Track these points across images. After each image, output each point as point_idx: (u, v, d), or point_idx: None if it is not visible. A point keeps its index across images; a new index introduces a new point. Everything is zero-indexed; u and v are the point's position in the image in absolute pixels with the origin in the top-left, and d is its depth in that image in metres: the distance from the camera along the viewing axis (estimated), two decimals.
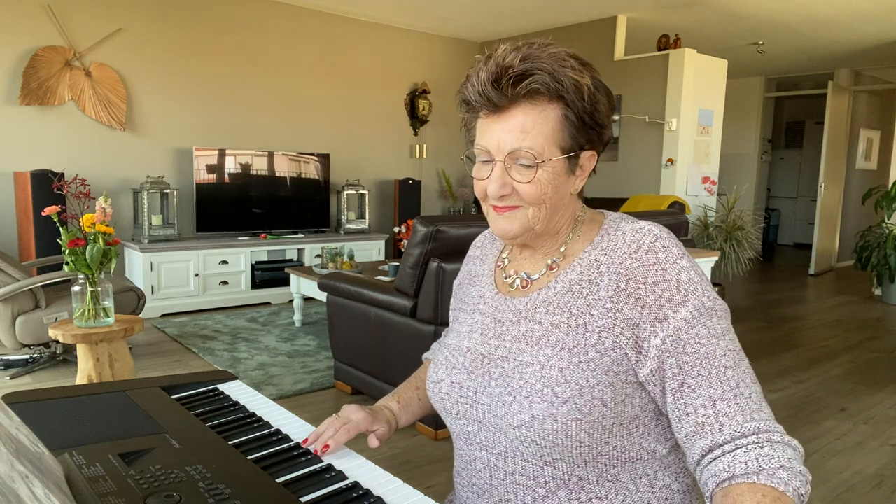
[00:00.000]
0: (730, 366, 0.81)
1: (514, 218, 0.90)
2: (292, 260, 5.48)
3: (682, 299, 0.82)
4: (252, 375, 3.47)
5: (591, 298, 0.87)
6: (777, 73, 8.76)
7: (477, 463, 0.94)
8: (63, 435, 0.89)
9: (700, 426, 0.80)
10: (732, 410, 0.79)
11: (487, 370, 0.91)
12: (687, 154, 5.72)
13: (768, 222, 9.75)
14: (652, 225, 0.88)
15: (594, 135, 0.89)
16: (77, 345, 2.58)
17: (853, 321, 5.34)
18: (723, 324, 0.83)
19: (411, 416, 1.12)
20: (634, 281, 0.84)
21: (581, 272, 0.89)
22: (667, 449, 0.90)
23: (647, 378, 0.84)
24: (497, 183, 0.87)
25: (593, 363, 0.84)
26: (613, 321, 0.84)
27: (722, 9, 5.57)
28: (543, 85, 0.84)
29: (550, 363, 0.85)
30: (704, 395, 0.80)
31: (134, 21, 4.99)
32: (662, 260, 0.84)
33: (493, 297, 0.99)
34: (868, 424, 3.07)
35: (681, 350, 0.81)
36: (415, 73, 6.74)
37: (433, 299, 2.62)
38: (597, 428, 0.83)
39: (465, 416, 0.93)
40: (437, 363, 1.01)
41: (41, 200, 4.32)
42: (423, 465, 2.51)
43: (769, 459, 0.75)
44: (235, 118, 5.56)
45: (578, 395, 0.83)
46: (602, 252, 0.89)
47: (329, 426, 0.97)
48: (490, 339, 0.95)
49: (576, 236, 0.94)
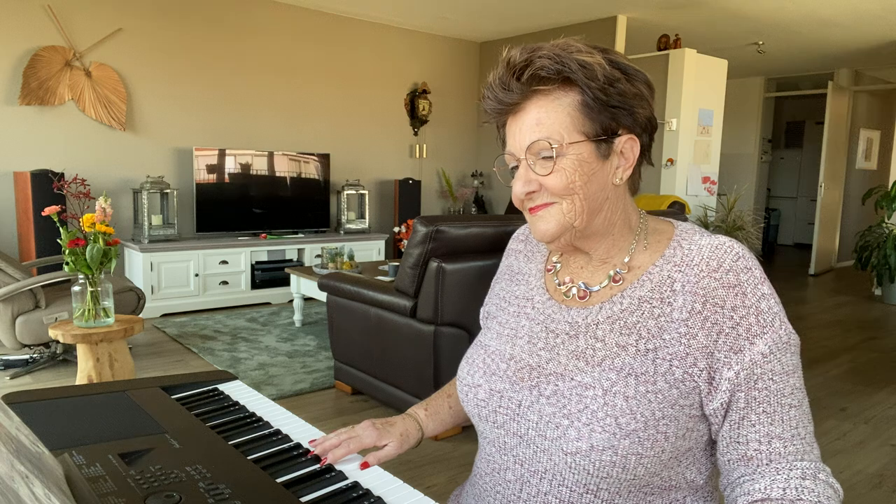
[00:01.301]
0: (794, 405, 0.78)
1: (548, 216, 0.84)
2: (292, 260, 5.48)
3: (760, 330, 0.78)
4: (252, 375, 3.47)
5: (662, 320, 0.81)
6: (777, 73, 8.76)
7: (507, 474, 0.89)
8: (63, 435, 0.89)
9: (748, 458, 0.78)
10: (787, 451, 0.77)
11: (536, 384, 0.85)
12: (687, 154, 5.72)
13: (768, 222, 9.75)
14: (732, 242, 0.82)
15: (622, 115, 0.82)
16: (77, 345, 2.58)
17: (853, 321, 5.34)
18: (794, 360, 0.80)
19: (440, 425, 1.07)
20: (712, 303, 0.78)
21: (652, 289, 0.83)
22: (704, 479, 0.87)
23: (713, 410, 0.80)
24: (521, 181, 0.84)
25: (661, 394, 0.79)
26: (687, 349, 0.79)
27: (722, 9, 5.57)
28: (545, 69, 0.80)
29: (615, 389, 0.79)
30: (763, 432, 0.78)
31: (134, 21, 4.99)
32: (744, 283, 0.79)
33: (545, 304, 0.92)
34: (868, 424, 3.07)
35: (752, 385, 0.78)
36: (415, 73, 6.74)
37: (433, 299, 2.62)
38: (655, 462, 0.79)
39: (503, 427, 0.88)
40: (472, 365, 0.94)
41: (41, 200, 4.32)
42: (423, 465, 2.51)
43: (808, 492, 0.74)
44: (235, 118, 5.56)
45: (643, 428, 0.77)
46: (675, 268, 0.82)
47: (335, 437, 0.95)
48: (540, 350, 0.88)
49: (641, 246, 0.87)
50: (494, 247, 2.76)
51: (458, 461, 2.54)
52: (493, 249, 2.76)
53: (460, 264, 2.61)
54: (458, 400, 1.08)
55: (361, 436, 0.97)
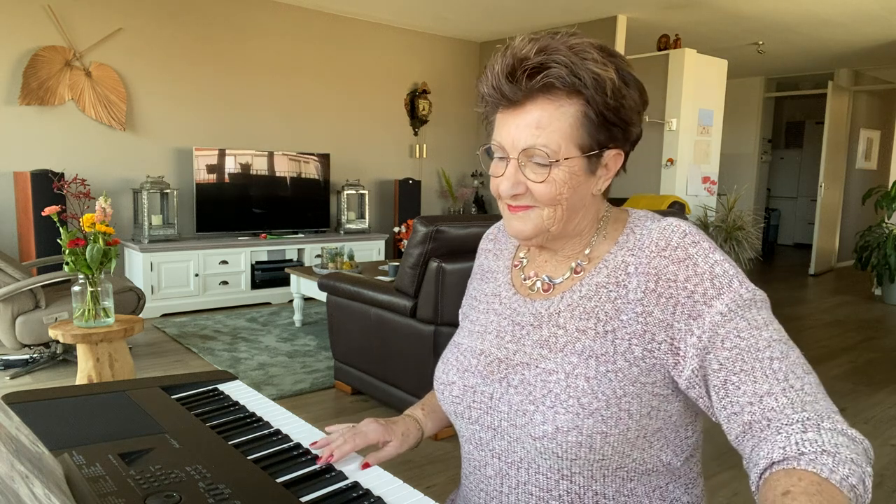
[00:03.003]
0: (776, 357, 0.74)
1: (527, 218, 0.86)
2: (292, 260, 5.48)
3: (716, 293, 0.77)
4: (252, 375, 3.47)
5: (619, 302, 0.82)
6: (777, 73, 8.75)
7: (487, 469, 0.90)
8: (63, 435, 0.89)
9: (748, 426, 0.73)
10: (780, 405, 0.72)
11: (505, 376, 0.87)
12: (687, 154, 5.72)
13: (768, 222, 9.75)
14: (679, 221, 0.83)
15: (618, 132, 0.83)
16: (77, 345, 2.58)
17: (853, 321, 5.34)
18: (764, 314, 0.77)
19: (438, 423, 1.07)
20: (664, 280, 0.80)
21: (608, 274, 0.85)
22: (681, 461, 0.87)
23: (689, 382, 0.78)
24: (510, 181, 0.83)
25: (621, 373, 0.80)
26: (644, 326, 0.80)
27: (722, 9, 5.57)
28: (559, 79, 0.78)
29: (576, 372, 0.81)
30: (750, 392, 0.73)
31: (134, 21, 4.99)
32: (693, 255, 0.79)
33: (511, 298, 0.94)
34: (868, 424, 3.07)
35: (719, 345, 0.75)
36: (415, 73, 6.74)
37: (433, 299, 2.62)
38: (621, 441, 0.80)
39: (477, 422, 0.90)
40: (446, 363, 0.96)
41: (41, 200, 4.32)
42: (423, 465, 2.51)
43: (810, 444, 0.67)
44: (235, 118, 5.56)
45: (605, 406, 0.79)
46: (629, 252, 0.84)
47: (339, 435, 0.95)
48: (507, 343, 0.90)
49: (601, 237, 0.89)
50: None
51: (458, 461, 2.54)
52: None
53: (460, 264, 2.61)
54: None
55: (366, 431, 0.97)
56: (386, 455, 0.98)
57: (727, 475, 2.52)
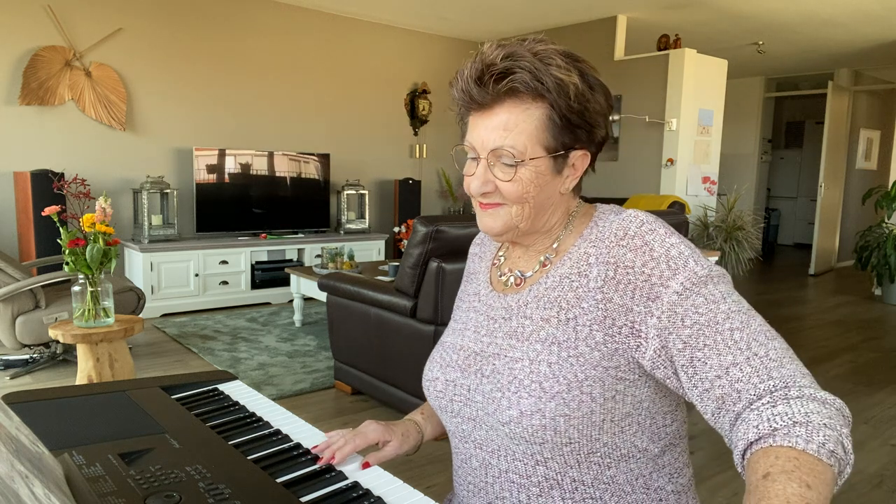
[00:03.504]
0: (736, 328, 0.75)
1: (497, 215, 0.90)
2: (292, 260, 5.48)
3: (672, 273, 0.80)
4: (252, 375, 3.47)
5: (580, 291, 0.86)
6: (777, 73, 8.76)
7: (472, 461, 0.94)
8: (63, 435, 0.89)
9: (720, 400, 0.74)
10: (746, 374, 0.72)
11: (479, 368, 0.91)
12: (687, 154, 5.72)
13: (768, 222, 9.75)
14: (638, 212, 0.87)
15: (583, 134, 0.87)
16: (77, 345, 2.58)
17: (853, 321, 5.34)
18: (721, 288, 0.79)
19: (438, 427, 1.10)
20: (623, 267, 0.83)
21: (571, 266, 0.89)
22: (659, 448, 0.88)
23: (653, 363, 0.80)
24: (479, 180, 0.88)
25: (582, 357, 0.83)
26: (604, 312, 0.83)
27: (722, 9, 5.57)
28: (523, 84, 0.83)
29: (539, 358, 0.85)
30: (716, 365, 0.74)
31: (134, 21, 4.99)
32: (650, 241, 0.83)
33: (488, 295, 0.99)
34: (868, 424, 3.07)
35: (680, 324, 0.77)
36: (415, 73, 6.74)
37: (433, 299, 2.62)
38: (586, 424, 0.82)
39: (459, 414, 0.93)
40: (432, 361, 1.01)
41: (41, 200, 4.32)
42: (423, 465, 2.51)
43: (781, 417, 0.67)
44: (235, 118, 5.56)
45: (566, 389, 0.82)
46: (590, 244, 0.88)
47: (340, 437, 0.96)
48: (483, 337, 0.94)
49: (567, 232, 0.93)
50: None
51: None
52: None
53: (460, 264, 2.62)
54: None
55: (366, 432, 0.99)
56: (386, 455, 0.99)
57: (727, 475, 2.52)
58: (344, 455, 0.92)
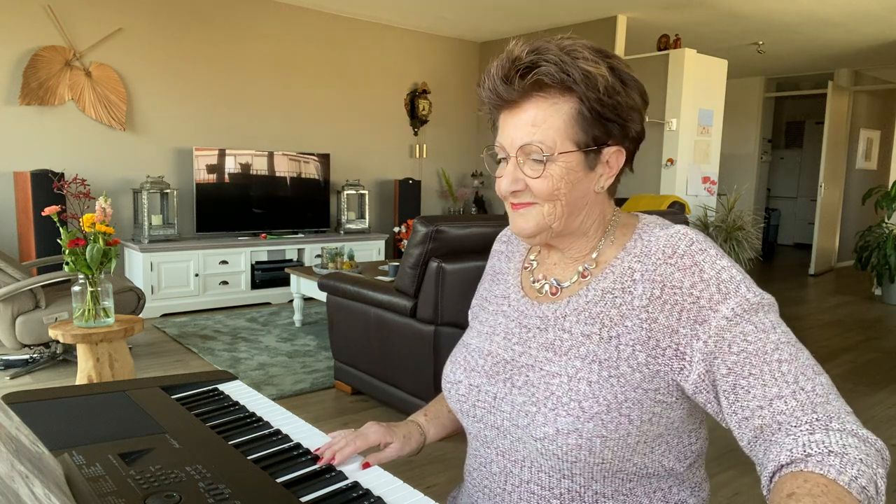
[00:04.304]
0: (785, 360, 0.73)
1: (528, 215, 0.87)
2: (292, 260, 5.47)
3: (722, 298, 0.77)
4: (252, 375, 3.47)
5: (624, 308, 0.83)
6: (777, 73, 8.75)
7: (492, 467, 0.92)
8: (63, 435, 0.89)
9: (759, 430, 0.72)
10: (790, 407, 0.70)
11: (510, 377, 0.89)
12: (687, 154, 5.72)
13: (768, 222, 9.75)
14: (687, 229, 0.84)
15: (615, 129, 0.84)
16: (77, 345, 2.58)
17: (853, 321, 5.34)
18: (771, 317, 0.77)
19: (441, 429, 1.08)
20: (670, 287, 0.80)
21: (614, 280, 0.86)
22: (685, 466, 0.87)
23: (696, 387, 0.78)
24: (508, 178, 0.86)
25: (624, 378, 0.80)
26: (648, 333, 0.80)
27: (722, 9, 5.57)
28: (549, 76, 0.81)
29: (579, 375, 0.82)
30: (759, 396, 0.72)
31: (134, 21, 4.99)
32: (700, 262, 0.80)
33: (519, 301, 0.96)
34: (868, 424, 3.07)
35: (726, 350, 0.75)
36: (415, 73, 6.74)
37: (433, 299, 2.62)
38: (621, 445, 0.80)
39: (482, 420, 0.91)
40: (454, 363, 0.98)
41: (41, 200, 4.31)
42: (423, 465, 2.51)
43: (816, 445, 0.66)
44: (235, 118, 5.56)
45: (605, 411, 0.79)
46: (635, 259, 0.85)
47: (341, 438, 0.95)
48: (514, 345, 0.92)
49: (608, 241, 0.90)
50: None
51: (458, 461, 2.54)
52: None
53: (460, 264, 2.62)
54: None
55: (367, 433, 0.98)
56: (387, 456, 0.99)
57: (727, 475, 2.52)
58: (344, 456, 0.92)
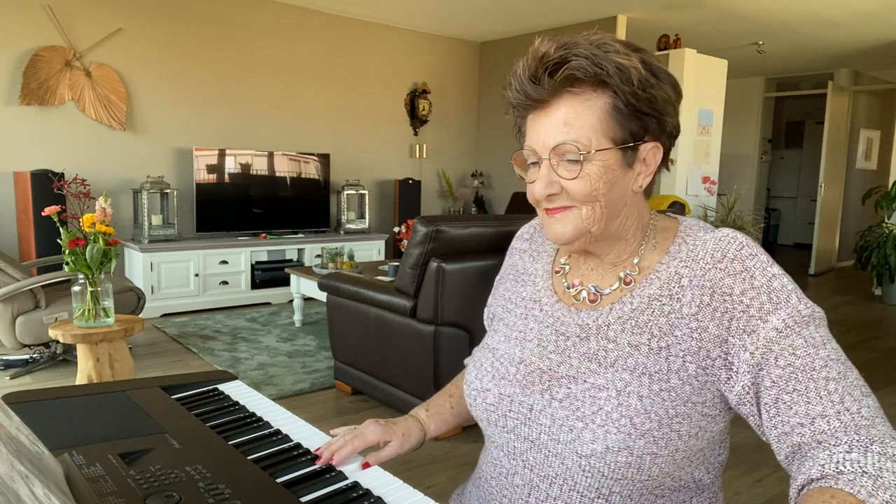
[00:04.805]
0: (832, 378, 0.70)
1: (566, 220, 0.82)
2: (292, 260, 5.47)
3: (773, 307, 0.74)
4: (252, 375, 3.47)
5: (673, 317, 0.79)
6: (777, 73, 8.75)
7: (515, 479, 0.88)
8: (63, 435, 0.89)
9: (797, 447, 0.70)
10: (833, 428, 0.68)
11: (548, 388, 0.84)
12: (687, 154, 5.72)
13: (768, 222, 9.75)
14: (735, 233, 0.80)
15: (651, 122, 0.80)
16: (77, 345, 2.58)
17: (853, 321, 5.34)
18: (822, 332, 0.74)
19: (443, 425, 1.06)
20: (720, 293, 0.77)
21: (660, 286, 0.81)
22: (711, 478, 0.86)
23: (739, 398, 0.76)
24: (543, 181, 0.81)
25: (674, 392, 0.77)
26: (699, 343, 0.77)
27: (722, 9, 5.57)
28: (581, 70, 0.76)
29: (629, 389, 0.78)
30: (802, 413, 0.70)
31: (134, 21, 4.99)
32: (750, 268, 0.77)
33: (553, 306, 0.90)
34: None
35: (773, 363, 0.72)
36: (415, 73, 6.74)
37: (433, 299, 2.62)
38: (668, 462, 0.77)
39: (513, 431, 0.87)
40: (480, 369, 0.93)
41: (41, 200, 4.31)
42: (423, 465, 2.51)
43: (851, 463, 0.64)
44: (235, 118, 5.56)
45: (657, 427, 0.76)
46: (682, 264, 0.81)
47: (340, 438, 0.94)
48: (551, 354, 0.86)
49: (650, 246, 0.86)
50: (494, 247, 2.76)
51: (458, 461, 2.54)
52: (493, 249, 2.75)
53: (460, 264, 2.62)
54: (459, 400, 1.08)
55: (365, 432, 0.97)
56: (386, 455, 0.98)
57: (727, 475, 2.52)
58: (342, 457, 0.91)
